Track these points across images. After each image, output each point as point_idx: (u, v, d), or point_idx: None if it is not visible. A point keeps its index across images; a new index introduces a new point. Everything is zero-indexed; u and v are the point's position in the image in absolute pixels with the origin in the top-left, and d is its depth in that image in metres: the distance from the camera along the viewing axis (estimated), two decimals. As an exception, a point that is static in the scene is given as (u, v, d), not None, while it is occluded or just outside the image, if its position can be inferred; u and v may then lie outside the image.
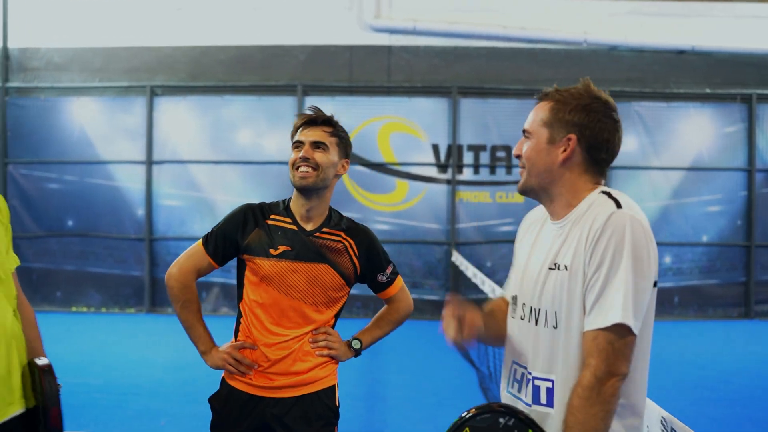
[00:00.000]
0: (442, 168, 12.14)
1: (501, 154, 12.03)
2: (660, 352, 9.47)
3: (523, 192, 2.29)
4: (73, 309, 12.45)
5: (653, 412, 2.67)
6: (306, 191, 2.91)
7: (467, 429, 2.03)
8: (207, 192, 12.25)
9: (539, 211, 2.38)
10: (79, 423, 6.07)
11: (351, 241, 2.97)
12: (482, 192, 12.18)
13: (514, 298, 2.31)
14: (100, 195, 12.45)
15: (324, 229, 2.96)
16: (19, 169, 12.48)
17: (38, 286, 12.42)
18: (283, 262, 2.88)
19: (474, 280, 8.36)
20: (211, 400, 3.02)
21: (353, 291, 3.15)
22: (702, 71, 12.32)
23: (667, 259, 12.31)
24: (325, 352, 2.95)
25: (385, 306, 3.20)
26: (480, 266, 10.88)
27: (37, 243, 12.44)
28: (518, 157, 2.28)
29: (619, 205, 2.07)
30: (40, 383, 2.44)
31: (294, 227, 2.95)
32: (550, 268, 2.14)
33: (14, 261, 2.61)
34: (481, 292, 7.54)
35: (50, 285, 12.51)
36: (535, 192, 2.26)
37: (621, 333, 1.97)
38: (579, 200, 2.17)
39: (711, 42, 12.05)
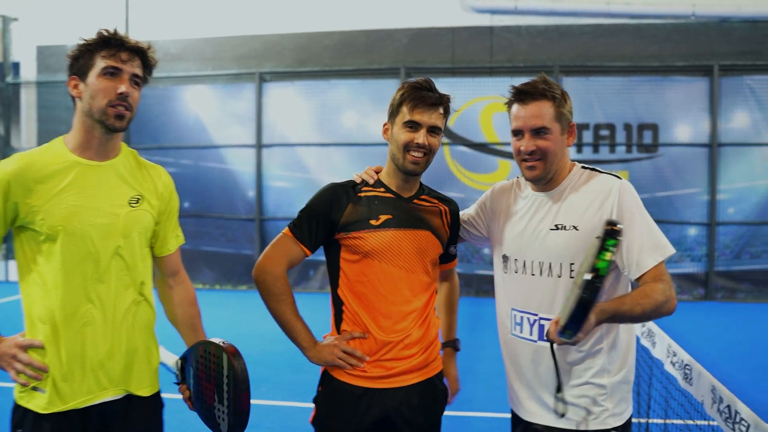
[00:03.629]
0: (545, 147, 11.99)
1: (604, 132, 11.84)
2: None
3: (541, 180, 2.61)
4: (191, 286, 13.03)
5: (705, 382, 2.73)
6: (412, 175, 2.77)
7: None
8: (314, 173, 12.60)
9: (507, 182, 2.86)
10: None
11: (446, 208, 2.87)
12: (586, 171, 11.98)
13: (505, 257, 2.69)
14: (213, 178, 13.03)
15: (422, 196, 2.83)
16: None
17: (158, 264, 13.07)
18: (387, 232, 2.71)
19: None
20: (318, 400, 2.81)
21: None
22: (820, 42, 11.73)
23: (781, 238, 11.86)
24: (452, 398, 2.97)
25: (443, 287, 3.12)
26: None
27: (157, 224, 13.00)
28: (532, 153, 2.57)
29: (618, 177, 2.55)
30: (230, 366, 2.43)
31: (390, 195, 2.78)
32: (552, 229, 2.54)
33: (170, 244, 2.70)
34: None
35: (169, 263, 13.13)
36: (548, 176, 2.60)
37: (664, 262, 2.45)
38: (566, 172, 2.62)
39: (829, 11, 11.47)
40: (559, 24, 12.14)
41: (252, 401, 2.42)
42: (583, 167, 2.65)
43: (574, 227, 2.51)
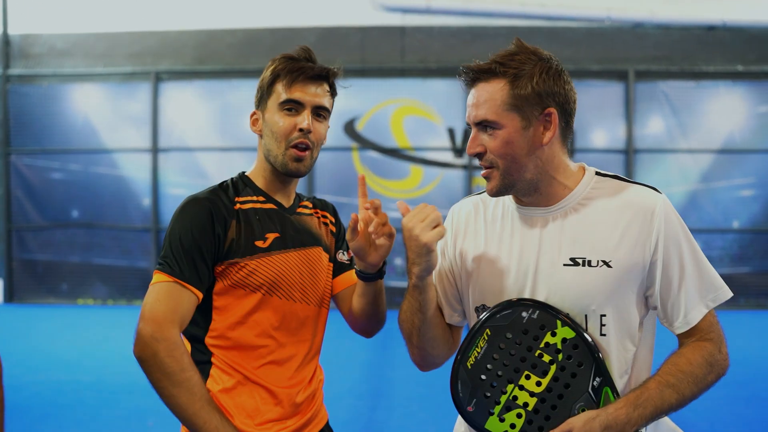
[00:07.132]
0: (458, 153, 11.67)
1: (519, 137, 11.62)
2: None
3: (502, 193, 1.86)
4: (79, 301, 12.20)
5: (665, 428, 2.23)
6: (294, 177, 2.15)
7: (488, 330, 1.79)
8: (215, 180, 11.68)
9: (471, 202, 2.05)
10: (62, 424, 5.72)
11: (325, 212, 2.28)
12: (501, 178, 11.80)
13: (483, 308, 1.88)
14: (105, 184, 12.21)
15: (303, 203, 2.22)
16: (22, 158, 12.24)
17: (44, 278, 12.22)
18: (278, 255, 2.04)
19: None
20: None
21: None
22: (734, 48, 11.71)
23: (697, 247, 11.78)
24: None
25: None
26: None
27: (42, 234, 12.17)
28: (479, 155, 1.84)
29: (656, 190, 1.83)
30: None
31: (272, 205, 2.11)
32: (566, 265, 1.78)
33: None
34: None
35: (55, 277, 12.28)
36: (518, 188, 1.84)
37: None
38: (573, 180, 1.85)
39: (744, 16, 11.42)
40: (473, 25, 11.77)
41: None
42: (598, 173, 1.87)
43: (605, 263, 1.76)
